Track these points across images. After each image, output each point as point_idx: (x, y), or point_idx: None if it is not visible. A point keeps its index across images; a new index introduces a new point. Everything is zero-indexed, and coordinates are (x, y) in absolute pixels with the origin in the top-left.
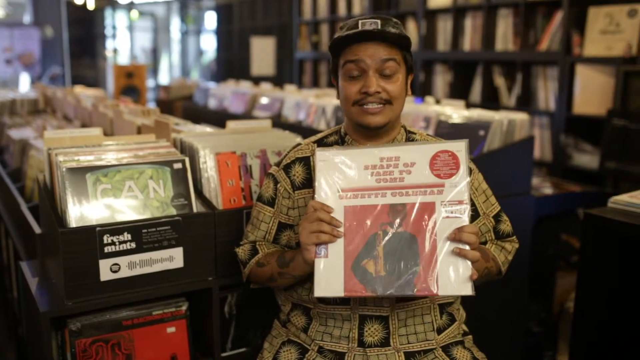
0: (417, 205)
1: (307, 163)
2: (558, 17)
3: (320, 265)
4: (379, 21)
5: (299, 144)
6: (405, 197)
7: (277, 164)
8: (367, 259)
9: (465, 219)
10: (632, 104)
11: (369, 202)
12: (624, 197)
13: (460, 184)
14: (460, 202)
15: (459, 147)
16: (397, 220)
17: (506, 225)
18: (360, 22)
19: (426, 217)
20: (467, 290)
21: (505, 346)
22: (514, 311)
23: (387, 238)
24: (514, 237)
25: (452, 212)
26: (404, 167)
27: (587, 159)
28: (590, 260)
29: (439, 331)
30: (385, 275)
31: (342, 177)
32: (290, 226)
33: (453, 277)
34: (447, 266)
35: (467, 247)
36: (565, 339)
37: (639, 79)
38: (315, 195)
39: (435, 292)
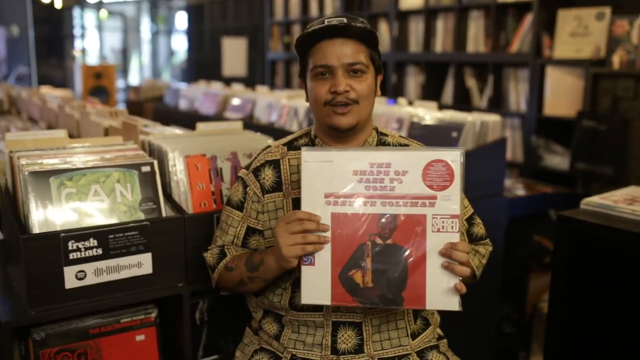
0: (407, 217)
1: (277, 166)
2: (528, 19)
3: (307, 272)
4: (344, 18)
5: (268, 147)
6: (395, 208)
7: (247, 167)
8: (355, 269)
9: (456, 234)
10: (601, 105)
11: (358, 211)
12: (596, 199)
13: (453, 197)
14: (453, 217)
15: (454, 157)
16: (387, 232)
17: (479, 228)
18: (326, 20)
19: (416, 229)
20: (455, 305)
21: (479, 348)
22: (487, 313)
23: (376, 249)
24: (487, 239)
25: (443, 227)
26: (395, 175)
27: (557, 160)
28: (564, 261)
29: (414, 336)
30: (373, 287)
31: (329, 180)
32: (259, 231)
33: (441, 292)
34: (435, 281)
35: (457, 263)
36: (538, 339)
37: (608, 81)
38: (302, 199)
39: (422, 306)
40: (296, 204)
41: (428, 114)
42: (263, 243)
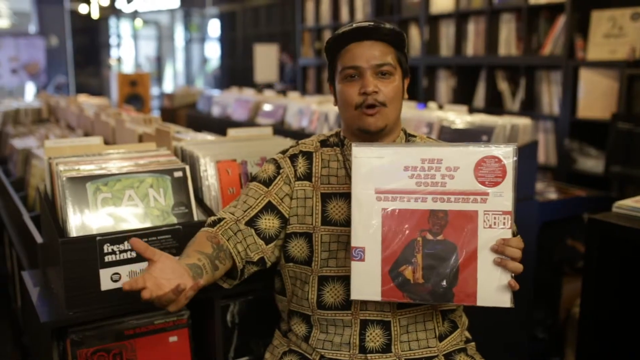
0: (458, 213)
1: (310, 158)
2: (561, 21)
3: (357, 268)
4: (372, 23)
5: (302, 139)
6: (446, 204)
7: (282, 153)
8: (406, 265)
9: (508, 231)
10: (637, 107)
11: (409, 206)
12: (628, 202)
13: (506, 193)
14: (505, 213)
15: (507, 154)
16: (438, 227)
17: None
18: (354, 23)
19: (468, 225)
20: (506, 302)
21: (511, 353)
22: (519, 318)
23: (426, 245)
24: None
25: (494, 223)
26: (446, 171)
27: (592, 163)
28: (595, 265)
29: (441, 338)
30: (423, 283)
31: (380, 176)
32: (278, 212)
33: (493, 289)
34: (487, 277)
35: (509, 259)
36: (571, 345)
37: None
38: (352, 195)
39: (473, 303)
40: (325, 199)
41: (458, 117)
42: (278, 224)
